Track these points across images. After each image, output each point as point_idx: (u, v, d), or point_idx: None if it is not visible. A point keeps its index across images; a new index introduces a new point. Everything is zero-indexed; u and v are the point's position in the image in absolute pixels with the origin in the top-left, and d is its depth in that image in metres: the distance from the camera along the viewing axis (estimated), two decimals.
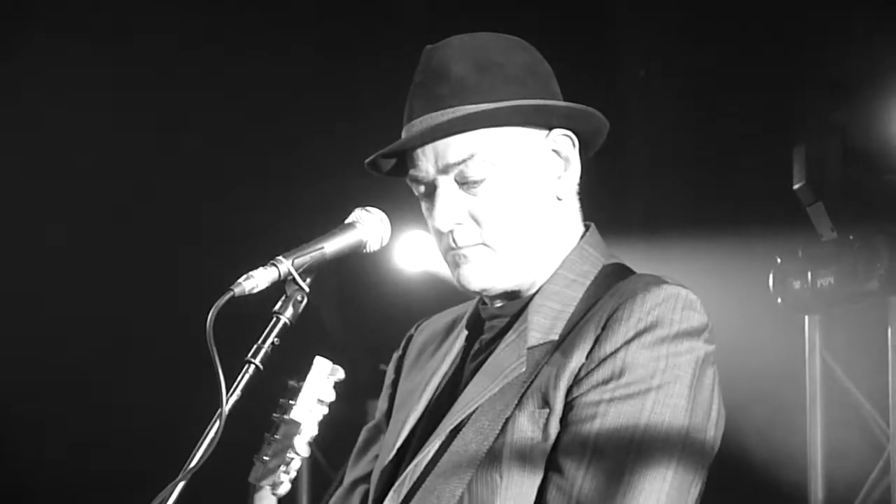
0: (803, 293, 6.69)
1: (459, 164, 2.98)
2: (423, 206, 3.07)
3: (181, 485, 2.71)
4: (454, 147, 2.96)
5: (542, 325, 3.00)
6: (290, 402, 2.86)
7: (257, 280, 2.81)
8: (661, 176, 7.44)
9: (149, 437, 6.90)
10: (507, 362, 2.98)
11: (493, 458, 2.92)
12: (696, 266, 6.41)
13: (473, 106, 2.96)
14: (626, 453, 2.84)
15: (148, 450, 5.78)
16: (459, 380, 3.09)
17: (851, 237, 6.47)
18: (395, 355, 3.33)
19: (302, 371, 2.91)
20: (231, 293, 2.78)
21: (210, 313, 2.73)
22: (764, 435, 6.80)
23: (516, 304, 3.06)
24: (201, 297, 2.88)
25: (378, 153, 3.01)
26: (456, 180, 2.99)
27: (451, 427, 2.97)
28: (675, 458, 2.87)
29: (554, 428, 2.88)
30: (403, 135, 3.00)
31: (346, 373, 3.10)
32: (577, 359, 2.90)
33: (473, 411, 2.96)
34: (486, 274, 3.01)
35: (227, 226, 7.56)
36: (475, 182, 2.97)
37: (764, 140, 6.83)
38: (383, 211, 3.00)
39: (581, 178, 3.08)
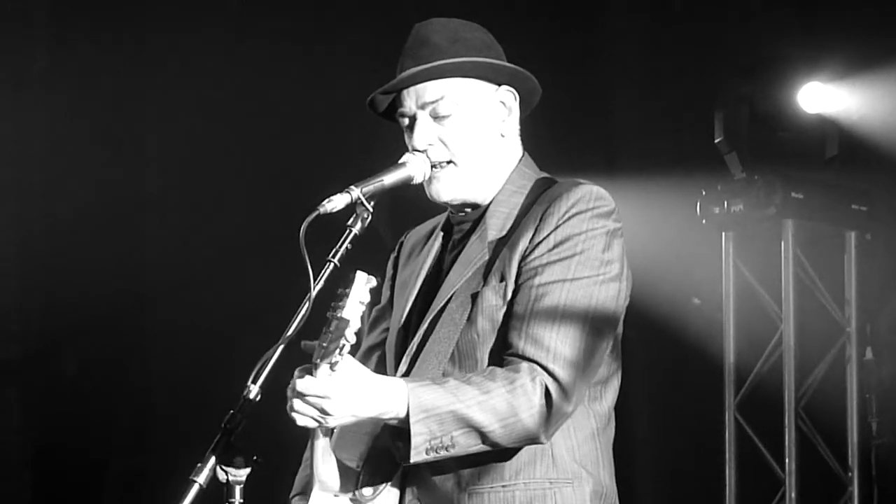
0: (721, 216, 7.35)
1: (433, 102, 3.29)
2: (406, 136, 3.33)
3: (280, 348, 3.02)
4: (430, 90, 3.30)
5: (496, 225, 3.29)
6: (340, 304, 3.04)
7: (336, 203, 3.13)
8: (624, 127, 7.82)
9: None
10: (474, 254, 3.28)
11: (471, 323, 3.23)
12: (646, 196, 6.93)
13: (445, 60, 3.29)
14: (559, 295, 3.17)
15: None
16: (441, 269, 3.37)
17: (756, 177, 7.24)
18: (392, 256, 3.57)
19: (348, 282, 3.07)
20: (317, 211, 3.09)
21: (303, 225, 3.05)
22: (692, 317, 7.45)
23: (476, 212, 3.35)
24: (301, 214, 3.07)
25: (377, 91, 3.32)
26: (430, 115, 3.30)
27: (441, 305, 3.28)
28: (594, 296, 3.20)
29: (510, 295, 3.23)
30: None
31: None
32: (523, 244, 3.22)
33: (454, 292, 3.27)
34: (452, 188, 3.31)
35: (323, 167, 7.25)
36: (444, 116, 3.29)
37: (695, 107, 7.37)
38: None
39: (522, 124, 3.41)
